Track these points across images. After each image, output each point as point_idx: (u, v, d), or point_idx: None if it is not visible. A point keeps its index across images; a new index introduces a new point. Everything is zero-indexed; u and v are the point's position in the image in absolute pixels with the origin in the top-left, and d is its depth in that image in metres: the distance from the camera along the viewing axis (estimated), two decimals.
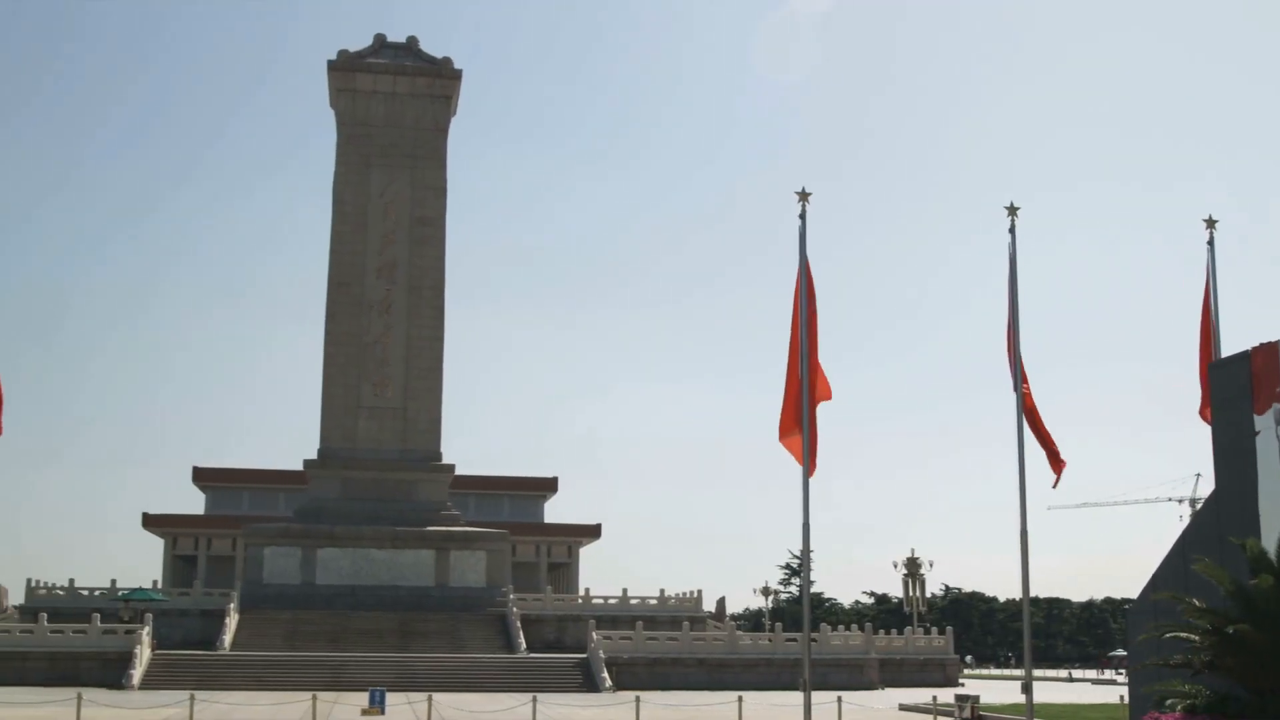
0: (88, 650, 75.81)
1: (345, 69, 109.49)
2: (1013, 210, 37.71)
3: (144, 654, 75.30)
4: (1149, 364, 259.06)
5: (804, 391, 34.65)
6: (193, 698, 49.60)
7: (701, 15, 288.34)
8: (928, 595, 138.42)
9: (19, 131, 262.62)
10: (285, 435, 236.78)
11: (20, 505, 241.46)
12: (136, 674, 72.75)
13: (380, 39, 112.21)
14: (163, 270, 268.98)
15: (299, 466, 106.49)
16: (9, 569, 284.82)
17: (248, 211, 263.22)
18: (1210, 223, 39.43)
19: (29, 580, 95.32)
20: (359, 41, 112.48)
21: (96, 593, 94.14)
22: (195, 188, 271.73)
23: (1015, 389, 36.37)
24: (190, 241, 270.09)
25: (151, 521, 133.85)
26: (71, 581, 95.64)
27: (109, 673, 73.07)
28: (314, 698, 50.97)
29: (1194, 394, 36.99)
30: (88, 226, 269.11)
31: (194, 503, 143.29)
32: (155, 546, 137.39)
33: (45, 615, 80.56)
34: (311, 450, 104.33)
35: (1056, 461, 36.05)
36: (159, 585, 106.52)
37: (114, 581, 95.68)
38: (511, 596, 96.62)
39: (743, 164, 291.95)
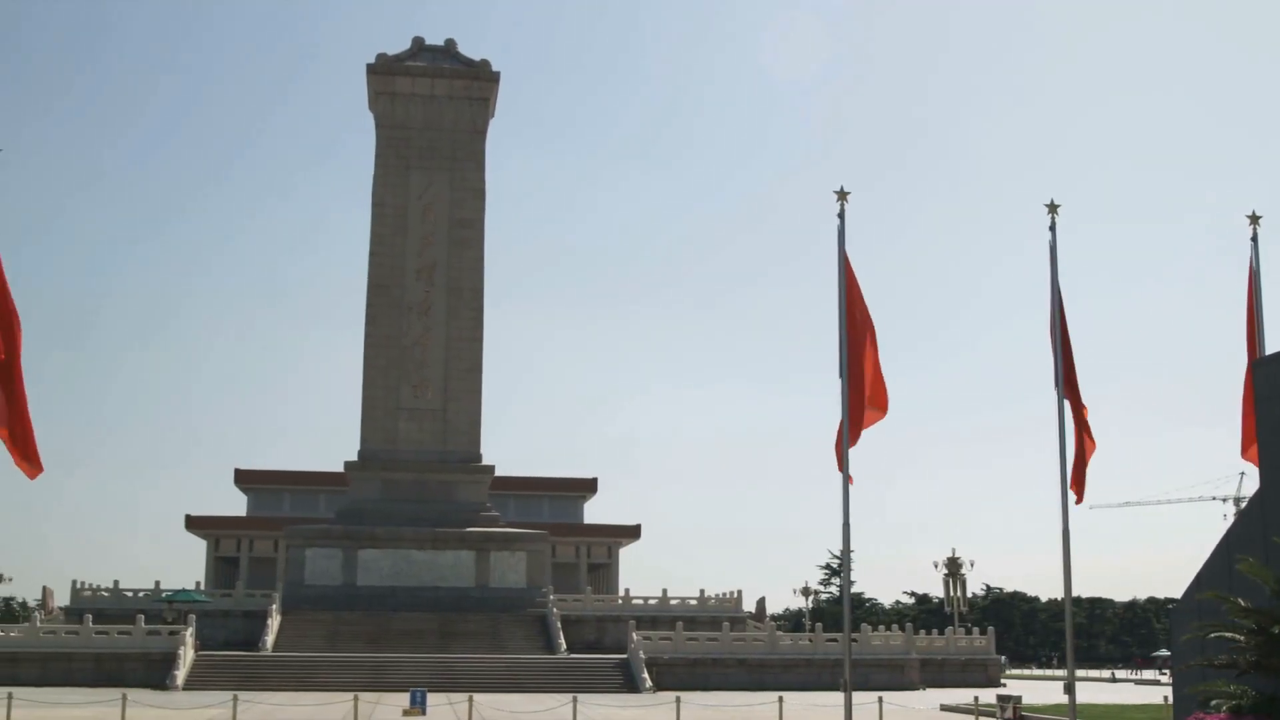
0: (132, 651, 76.41)
1: (384, 72, 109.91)
2: (1053, 208, 37.44)
3: (187, 655, 75.82)
4: (1193, 361, 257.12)
5: (844, 390, 34.50)
6: (236, 698, 49.89)
7: (737, 13, 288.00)
8: (969, 595, 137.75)
9: (54, 132, 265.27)
10: (326, 437, 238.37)
11: (65, 508, 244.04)
12: (180, 674, 73.23)
13: (419, 42, 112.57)
14: (201, 273, 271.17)
15: (339, 468, 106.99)
16: (55, 571, 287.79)
17: (286, 213, 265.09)
18: (1254, 219, 39.02)
19: (74, 582, 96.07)
20: (394, 44, 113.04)
21: (140, 594, 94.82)
22: (233, 189, 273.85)
23: (1056, 386, 36.09)
24: (227, 243, 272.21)
25: (194, 523, 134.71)
26: (116, 583, 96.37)
27: (153, 673, 73.61)
28: (355, 698, 51.18)
29: (1237, 390, 36.59)
30: (124, 228, 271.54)
31: (236, 504, 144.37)
32: (198, 548, 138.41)
33: (90, 616, 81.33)
34: (352, 452, 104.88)
35: (1079, 485, 35.65)
36: (202, 586, 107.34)
37: (158, 583, 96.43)
38: (551, 597, 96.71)
39: (781, 163, 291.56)
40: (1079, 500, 35.79)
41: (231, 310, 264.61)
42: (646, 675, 76.50)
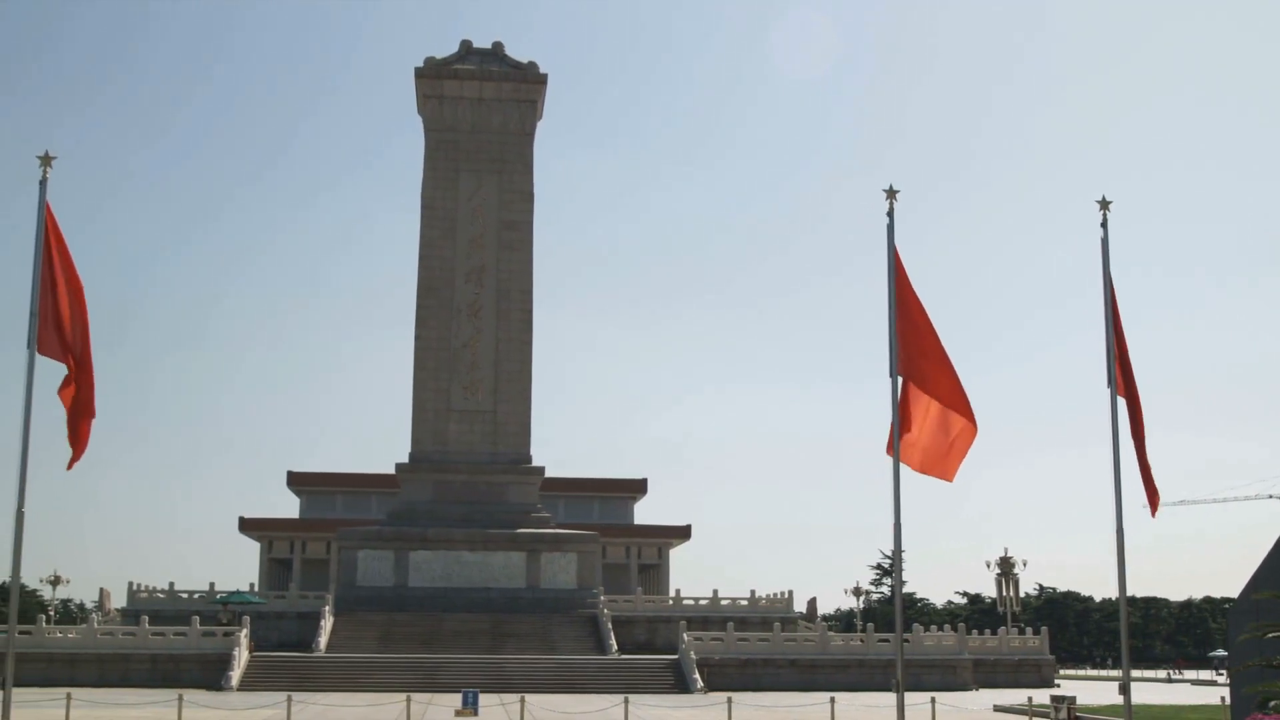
0: (188, 652, 77.13)
1: (432, 76, 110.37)
2: (1104, 204, 37.08)
3: (242, 656, 76.46)
4: (1249, 357, 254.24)
5: (894, 389, 34.32)
6: (290, 699, 50.27)
7: (783, 14, 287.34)
8: (1021, 595, 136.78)
9: (99, 133, 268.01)
10: (377, 439, 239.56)
11: (121, 510, 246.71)
12: (235, 675, 73.87)
13: (467, 45, 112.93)
14: (249, 275, 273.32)
15: (391, 470, 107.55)
16: (112, 572, 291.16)
17: (334, 214, 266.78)
18: None
19: (130, 584, 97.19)
20: (441, 47, 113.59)
21: (196, 596, 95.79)
22: (281, 190, 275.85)
23: (1109, 385, 35.75)
24: (274, 245, 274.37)
25: (248, 525, 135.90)
26: (172, 585, 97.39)
27: (208, 674, 74.30)
28: (408, 699, 51.45)
29: None
30: (171, 230, 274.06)
31: (289, 507, 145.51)
32: (252, 550, 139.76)
33: (147, 618, 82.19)
34: (403, 454, 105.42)
35: (1153, 495, 35.21)
36: (255, 588, 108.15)
37: (212, 585, 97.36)
38: (602, 598, 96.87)
39: (830, 165, 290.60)
40: (1154, 513, 35.41)
41: (283, 312, 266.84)
42: (698, 676, 76.45)
